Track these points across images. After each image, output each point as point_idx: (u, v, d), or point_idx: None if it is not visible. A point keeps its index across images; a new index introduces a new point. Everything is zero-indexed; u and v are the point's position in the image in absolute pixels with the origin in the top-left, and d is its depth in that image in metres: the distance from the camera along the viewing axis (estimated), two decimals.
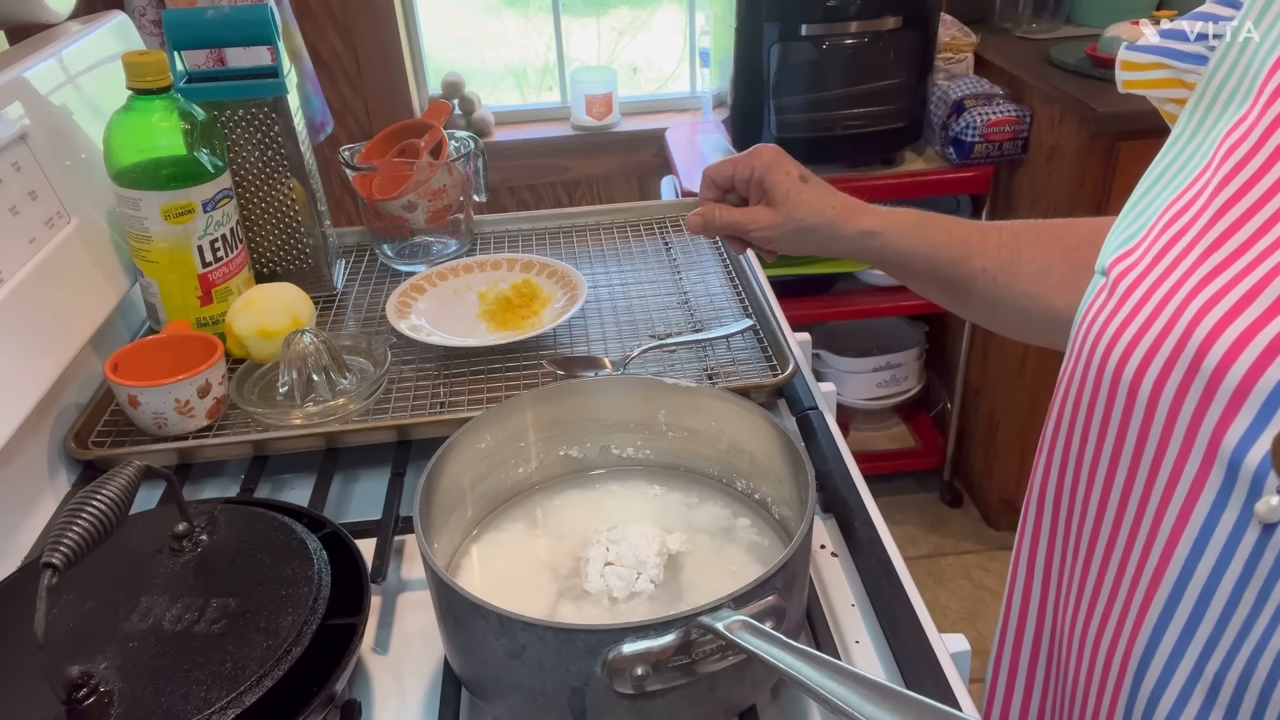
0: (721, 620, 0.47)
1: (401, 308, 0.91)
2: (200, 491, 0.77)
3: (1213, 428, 0.42)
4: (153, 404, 0.75)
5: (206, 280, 0.87)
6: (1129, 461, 0.47)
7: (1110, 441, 0.48)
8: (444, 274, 0.98)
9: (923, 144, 1.93)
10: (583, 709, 0.50)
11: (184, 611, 0.54)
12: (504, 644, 0.49)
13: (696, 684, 0.49)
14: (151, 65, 0.80)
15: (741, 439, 0.65)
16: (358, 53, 2.09)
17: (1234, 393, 0.42)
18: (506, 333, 0.88)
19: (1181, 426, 0.43)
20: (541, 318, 0.91)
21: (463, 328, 0.90)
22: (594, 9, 2.45)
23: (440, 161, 0.99)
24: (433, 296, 0.95)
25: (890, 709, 0.42)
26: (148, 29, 1.50)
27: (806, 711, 0.57)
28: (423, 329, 0.89)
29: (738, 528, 0.65)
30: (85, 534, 0.47)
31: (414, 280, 0.96)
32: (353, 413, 0.80)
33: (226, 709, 0.48)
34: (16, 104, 0.81)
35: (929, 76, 1.86)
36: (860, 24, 1.76)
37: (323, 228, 0.99)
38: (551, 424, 0.67)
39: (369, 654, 0.62)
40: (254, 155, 0.93)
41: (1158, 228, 0.48)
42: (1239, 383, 0.41)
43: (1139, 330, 0.46)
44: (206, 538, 0.59)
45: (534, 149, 2.24)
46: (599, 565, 0.60)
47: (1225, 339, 0.42)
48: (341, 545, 0.61)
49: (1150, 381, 0.45)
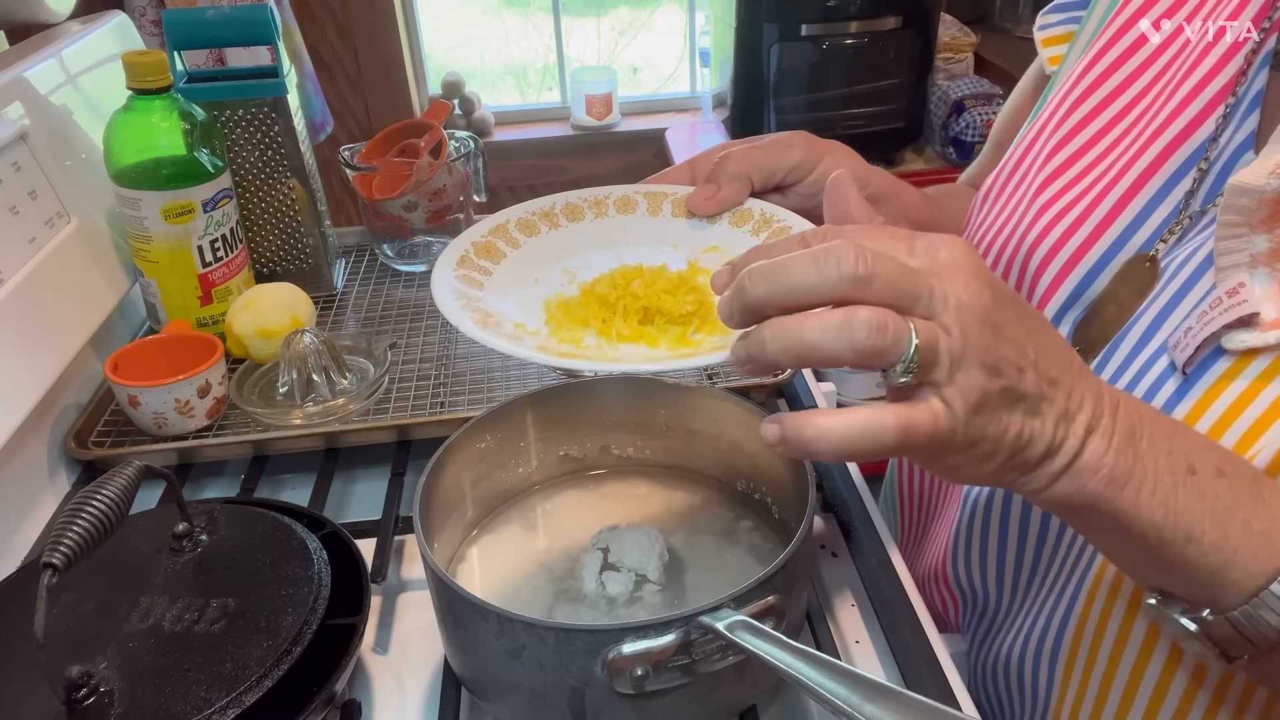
0: (721, 620, 0.47)
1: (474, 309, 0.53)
2: (200, 491, 0.77)
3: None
4: (153, 404, 0.75)
5: (206, 280, 0.87)
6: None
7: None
8: (531, 223, 0.59)
9: (923, 144, 1.93)
10: (583, 709, 0.50)
11: (184, 611, 0.54)
12: (504, 644, 0.49)
13: (696, 684, 0.49)
14: (151, 65, 0.80)
15: (741, 439, 0.65)
16: (358, 53, 2.09)
17: (1037, 303, 0.54)
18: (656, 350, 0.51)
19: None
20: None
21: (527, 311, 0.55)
22: (594, 9, 2.45)
23: (440, 161, 0.99)
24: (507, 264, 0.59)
25: (890, 709, 0.42)
26: (148, 29, 1.50)
27: (806, 711, 0.57)
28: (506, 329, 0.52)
29: (738, 528, 0.65)
30: (85, 534, 0.47)
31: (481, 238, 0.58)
32: (353, 413, 0.80)
33: (226, 709, 0.48)
34: (16, 104, 0.81)
35: (929, 76, 1.87)
36: (860, 24, 1.76)
37: (323, 228, 0.99)
38: (551, 424, 0.67)
39: (369, 654, 0.62)
40: (254, 155, 0.93)
41: (1022, 147, 0.59)
42: (1040, 298, 0.54)
43: (994, 235, 0.58)
44: (206, 538, 0.59)
45: (534, 149, 2.25)
46: (596, 568, 0.60)
47: (1041, 249, 0.54)
48: (341, 545, 0.61)
49: (998, 275, 0.54)
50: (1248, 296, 0.43)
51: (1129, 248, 0.52)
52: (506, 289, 0.52)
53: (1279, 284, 0.43)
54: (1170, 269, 0.49)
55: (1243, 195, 0.43)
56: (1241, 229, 0.43)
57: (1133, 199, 0.52)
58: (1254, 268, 0.44)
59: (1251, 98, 0.49)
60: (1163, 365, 0.47)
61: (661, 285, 0.50)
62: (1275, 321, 0.43)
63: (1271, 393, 0.42)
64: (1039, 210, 0.54)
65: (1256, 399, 0.43)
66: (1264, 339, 0.42)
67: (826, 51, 1.77)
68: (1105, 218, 0.52)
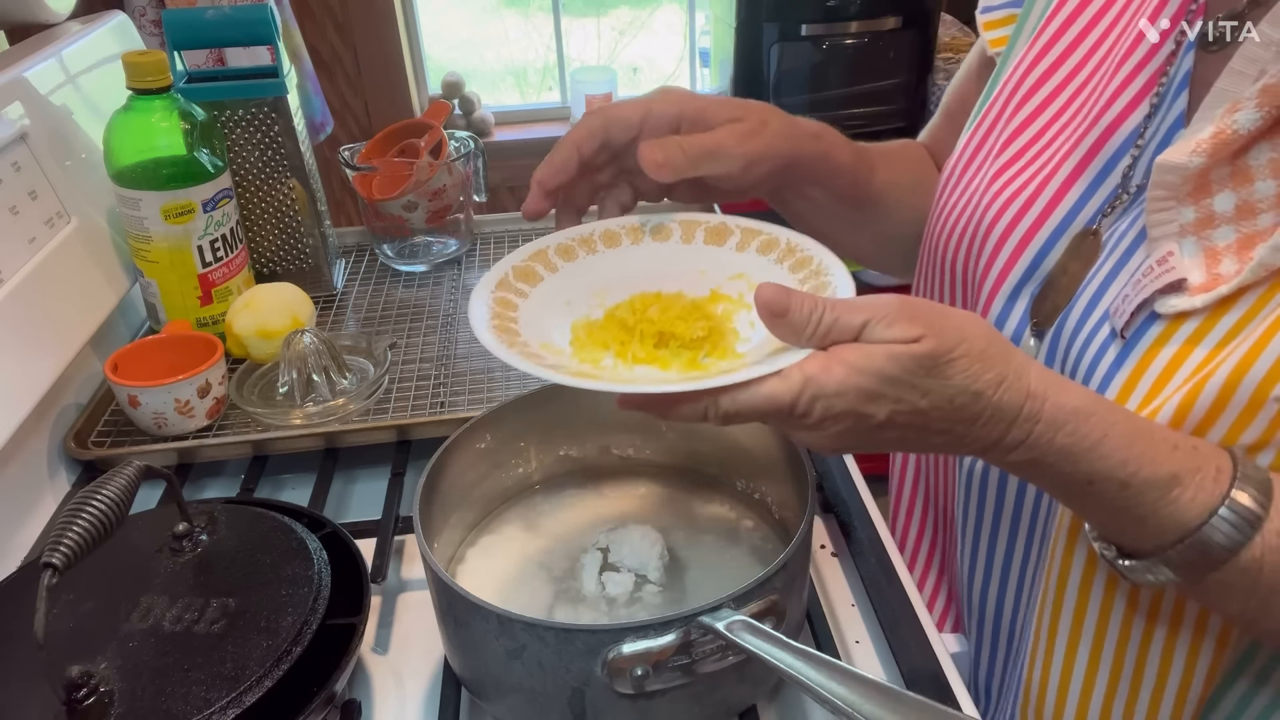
0: (721, 620, 0.47)
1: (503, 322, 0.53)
2: (200, 491, 0.77)
3: (989, 292, 0.59)
4: (153, 404, 0.75)
5: (206, 280, 0.87)
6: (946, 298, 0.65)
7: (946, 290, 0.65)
8: (570, 248, 0.60)
9: None
10: (583, 709, 0.50)
11: (184, 611, 0.54)
12: (504, 644, 0.49)
13: (696, 684, 0.49)
14: (151, 65, 0.80)
15: (741, 439, 0.65)
16: (358, 53, 2.09)
17: (995, 279, 0.58)
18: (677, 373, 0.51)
19: (973, 292, 0.61)
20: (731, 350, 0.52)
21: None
22: (594, 9, 2.45)
23: (440, 161, 0.99)
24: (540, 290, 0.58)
25: (890, 709, 0.42)
26: (148, 29, 1.50)
27: (806, 711, 0.57)
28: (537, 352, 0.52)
29: (738, 528, 0.65)
30: (85, 534, 0.47)
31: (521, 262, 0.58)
32: (353, 413, 0.80)
33: (226, 709, 0.48)
34: (16, 104, 0.81)
35: (929, 76, 1.87)
36: (860, 24, 1.76)
37: (323, 228, 0.99)
38: (551, 424, 0.67)
39: (369, 654, 0.62)
40: (254, 155, 0.93)
41: (976, 138, 0.63)
42: (997, 274, 0.58)
43: (957, 217, 0.62)
44: (206, 538, 0.59)
45: (534, 149, 2.24)
46: (596, 568, 0.60)
47: (997, 229, 0.58)
48: (341, 545, 0.61)
49: (962, 257, 0.61)
50: (1176, 264, 0.47)
51: (1076, 224, 0.55)
52: (541, 311, 0.55)
53: (1206, 252, 0.47)
54: (1111, 242, 0.53)
55: (1169, 172, 0.47)
56: (1170, 202, 0.47)
57: (1079, 178, 0.55)
58: (1183, 237, 0.47)
59: (1181, 78, 0.52)
60: (1106, 333, 0.51)
61: (676, 311, 0.53)
62: (1202, 286, 0.46)
63: (1200, 352, 0.46)
64: (995, 194, 0.58)
65: (1188, 360, 0.46)
66: (1192, 303, 0.46)
67: (826, 51, 1.77)
68: (1054, 197, 0.56)
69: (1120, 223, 0.53)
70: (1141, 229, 0.51)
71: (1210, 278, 0.46)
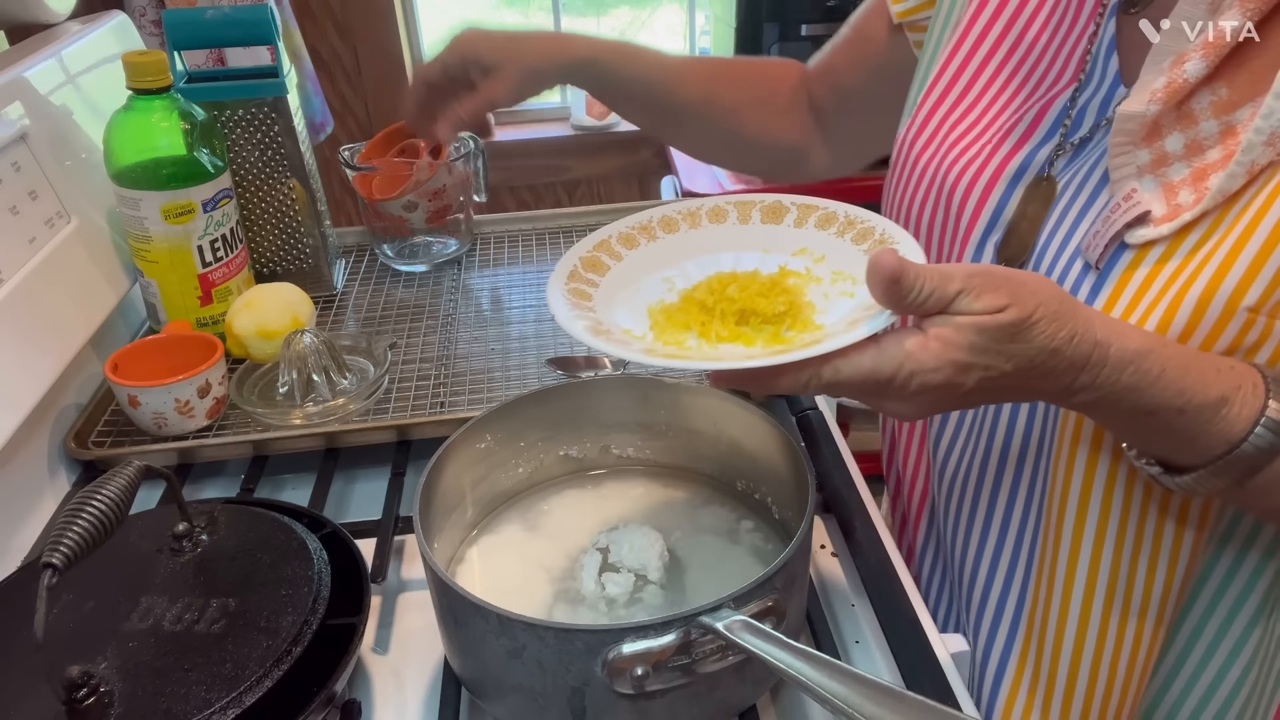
0: (721, 620, 0.47)
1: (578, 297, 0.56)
2: (200, 491, 0.77)
3: (960, 242, 0.64)
4: (153, 404, 0.75)
5: (206, 280, 0.87)
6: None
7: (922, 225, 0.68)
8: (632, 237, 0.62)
9: None
10: (583, 709, 0.50)
11: (184, 611, 0.54)
12: (504, 644, 0.49)
13: (696, 684, 0.49)
14: (151, 65, 0.80)
15: (741, 439, 0.65)
16: (358, 53, 2.09)
17: (964, 230, 0.63)
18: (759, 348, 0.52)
19: (947, 243, 0.65)
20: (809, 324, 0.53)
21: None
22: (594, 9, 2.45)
23: (440, 161, 0.99)
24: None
25: (890, 709, 0.42)
26: (148, 29, 1.50)
27: (806, 711, 0.57)
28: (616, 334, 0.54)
29: (738, 528, 0.65)
30: (85, 534, 0.47)
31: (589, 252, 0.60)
32: (353, 413, 0.80)
33: (226, 709, 0.48)
34: (16, 104, 0.81)
35: None
36: None
37: (323, 228, 0.99)
38: (551, 424, 0.67)
39: (369, 654, 0.62)
40: (254, 155, 0.93)
41: (927, 106, 0.68)
42: (966, 226, 0.63)
43: (919, 176, 0.67)
44: (206, 538, 0.59)
45: (534, 149, 2.24)
46: (596, 568, 0.60)
47: (959, 188, 0.64)
48: (341, 545, 0.61)
49: (929, 212, 0.67)
50: (1140, 199, 0.53)
51: (1029, 174, 0.62)
52: (613, 299, 0.57)
53: (1164, 187, 0.53)
54: (1069, 186, 0.60)
55: (1129, 120, 0.53)
56: (1128, 147, 0.54)
57: (1030, 137, 0.63)
58: (1141, 176, 0.54)
59: (1108, 43, 0.60)
60: (1078, 267, 0.57)
61: (755, 289, 0.54)
62: (1164, 216, 0.53)
63: (1169, 269, 0.52)
64: (955, 157, 0.65)
65: (1158, 278, 0.53)
66: (1158, 231, 0.53)
67: None
68: (1008, 154, 0.63)
69: (1070, 169, 0.60)
70: (1099, 174, 0.58)
71: (1171, 208, 0.53)
